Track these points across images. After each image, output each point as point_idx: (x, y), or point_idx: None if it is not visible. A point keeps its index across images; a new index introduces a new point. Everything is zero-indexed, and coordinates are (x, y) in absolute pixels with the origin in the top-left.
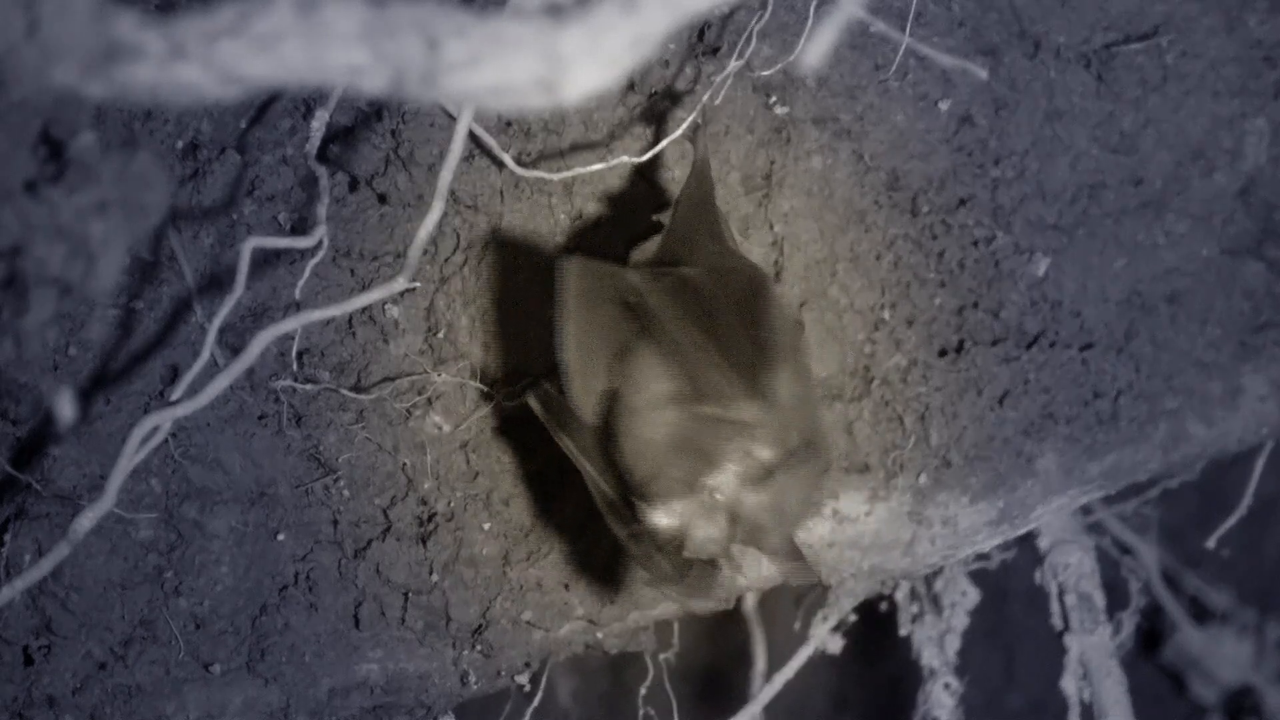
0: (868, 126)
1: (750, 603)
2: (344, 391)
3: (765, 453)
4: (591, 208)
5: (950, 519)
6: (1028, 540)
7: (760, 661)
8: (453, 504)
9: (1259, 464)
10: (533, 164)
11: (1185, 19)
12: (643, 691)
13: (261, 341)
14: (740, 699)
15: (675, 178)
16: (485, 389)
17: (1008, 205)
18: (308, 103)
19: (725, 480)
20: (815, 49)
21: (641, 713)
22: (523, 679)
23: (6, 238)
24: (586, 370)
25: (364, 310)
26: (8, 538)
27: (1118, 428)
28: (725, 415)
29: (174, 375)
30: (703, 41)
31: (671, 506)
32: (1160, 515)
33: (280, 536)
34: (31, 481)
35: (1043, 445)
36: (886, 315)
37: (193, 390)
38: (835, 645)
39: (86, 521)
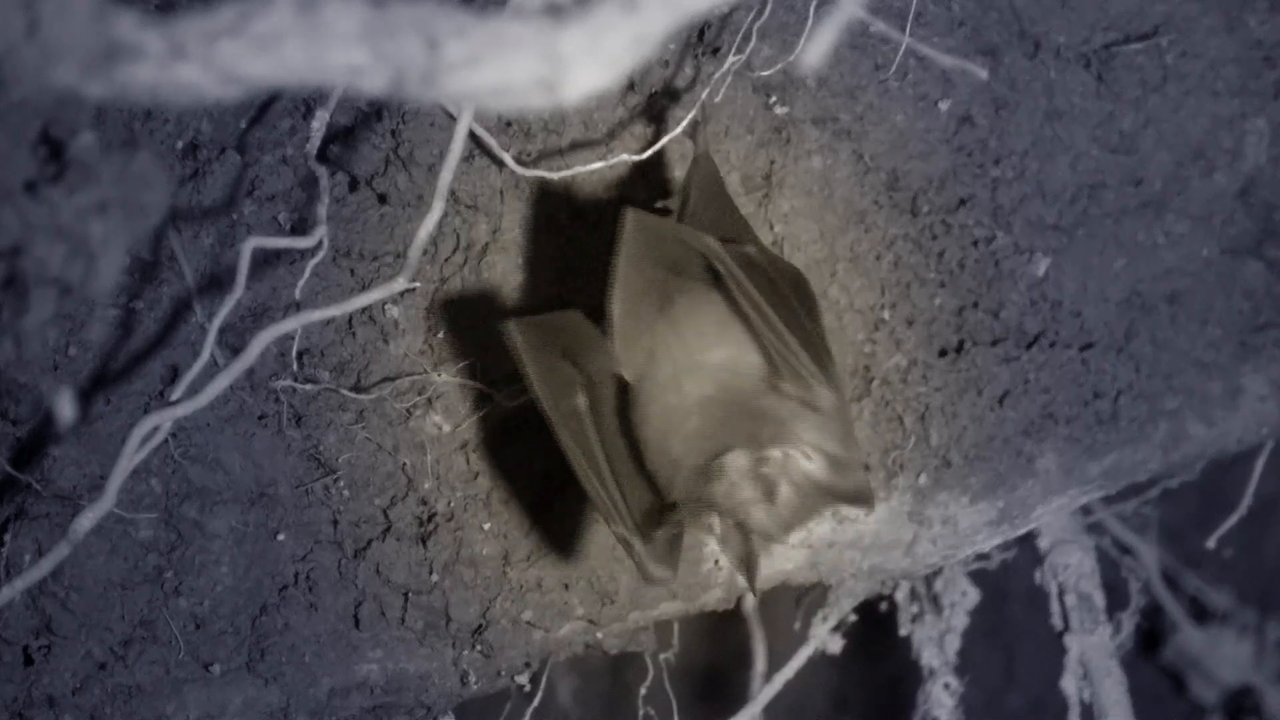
0: (868, 126)
1: (750, 603)
2: (344, 391)
3: (831, 445)
4: (591, 207)
5: (950, 519)
6: (1028, 540)
7: (760, 661)
8: (453, 504)
9: (1259, 464)
10: (533, 164)
11: (1185, 19)
12: (643, 691)
13: (261, 341)
14: (740, 699)
15: (675, 177)
16: (485, 389)
17: (1008, 205)
18: (308, 103)
19: (782, 458)
20: (815, 49)
21: (641, 713)
22: (523, 679)
23: (6, 238)
24: (635, 325)
25: (364, 310)
26: (8, 538)
27: (1118, 428)
28: (806, 398)
29: (174, 375)
30: (702, 41)
31: (725, 465)
32: (1160, 515)
33: (280, 536)
34: (31, 481)
35: (1043, 445)
36: (886, 315)
37: (193, 390)
38: (835, 645)
39: (86, 521)
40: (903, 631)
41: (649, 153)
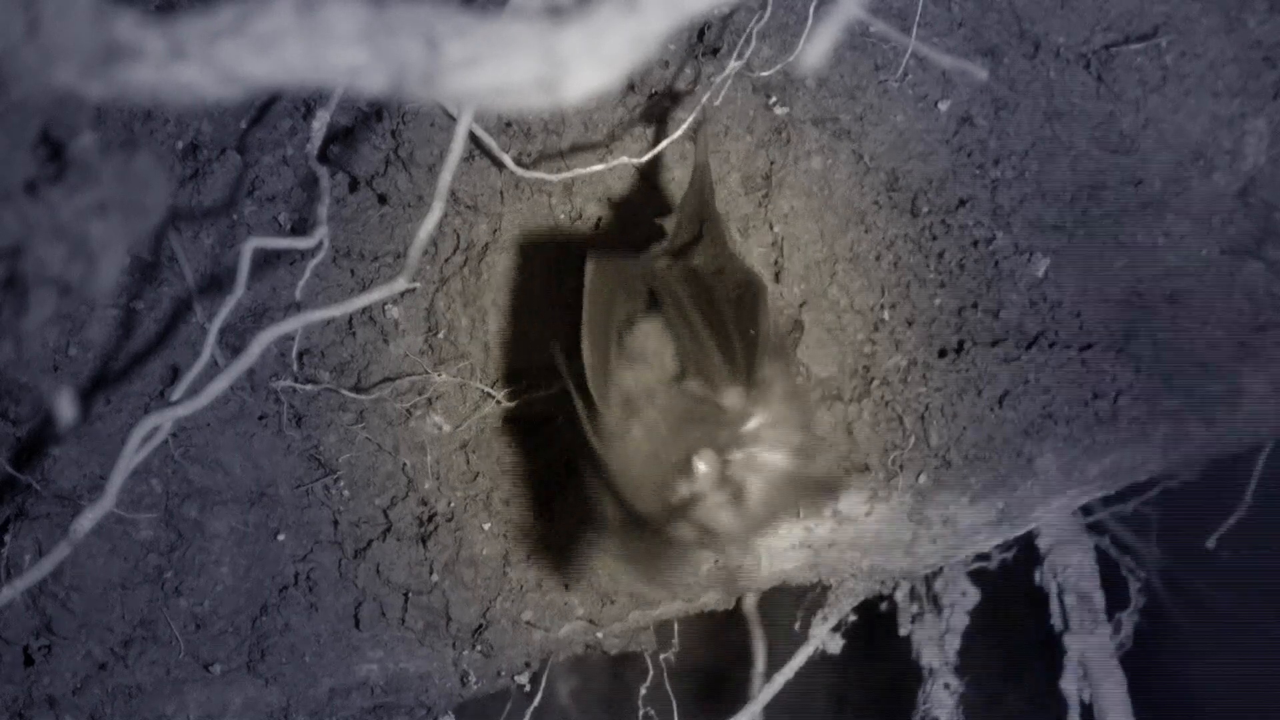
0: (868, 127)
1: (750, 603)
2: (344, 391)
3: (793, 436)
4: (591, 208)
5: (950, 519)
6: (1028, 540)
7: (760, 661)
8: (453, 504)
9: (1259, 464)
10: (533, 164)
11: (1185, 19)
12: (643, 691)
13: (261, 342)
14: (740, 699)
15: (675, 178)
16: (485, 389)
17: (1008, 205)
18: (308, 103)
19: (744, 458)
20: (815, 49)
21: (641, 713)
22: (523, 679)
23: (6, 238)
24: (603, 363)
25: (364, 310)
26: (8, 538)
27: (1118, 428)
28: (710, 396)
29: (174, 375)
30: (703, 42)
31: (694, 468)
32: (1160, 515)
33: (280, 536)
34: (31, 481)
35: (1043, 445)
36: (886, 315)
37: (193, 390)
38: (835, 645)
39: (86, 521)
40: (903, 631)
41: (649, 155)
